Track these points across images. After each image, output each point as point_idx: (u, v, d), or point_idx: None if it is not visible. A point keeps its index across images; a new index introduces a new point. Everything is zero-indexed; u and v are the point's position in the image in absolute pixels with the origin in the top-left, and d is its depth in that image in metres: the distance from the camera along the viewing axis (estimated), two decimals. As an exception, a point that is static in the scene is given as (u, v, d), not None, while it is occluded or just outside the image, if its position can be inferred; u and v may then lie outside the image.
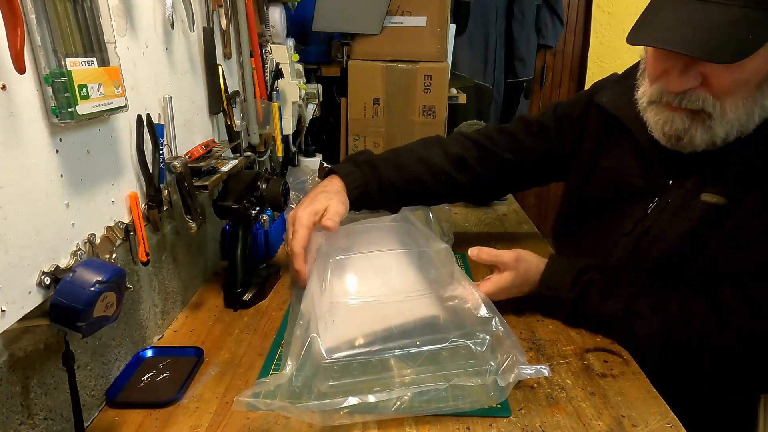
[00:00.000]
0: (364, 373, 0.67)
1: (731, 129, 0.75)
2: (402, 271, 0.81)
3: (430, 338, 0.68)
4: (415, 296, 0.76)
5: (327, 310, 0.72)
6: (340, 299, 0.76)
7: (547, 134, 1.06)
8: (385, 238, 0.88)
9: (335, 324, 0.70)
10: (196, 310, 0.94)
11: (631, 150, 0.92)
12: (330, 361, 0.65)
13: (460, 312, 0.73)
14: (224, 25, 1.01)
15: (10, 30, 0.45)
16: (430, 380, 0.66)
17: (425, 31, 1.53)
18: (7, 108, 0.51)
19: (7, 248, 0.51)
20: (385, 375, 0.66)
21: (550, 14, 2.62)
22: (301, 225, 0.84)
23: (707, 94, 0.74)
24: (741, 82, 0.72)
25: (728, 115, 0.74)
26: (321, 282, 0.77)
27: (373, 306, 0.74)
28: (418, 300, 0.75)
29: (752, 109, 0.74)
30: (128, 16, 0.72)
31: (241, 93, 1.10)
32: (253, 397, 0.62)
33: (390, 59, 1.55)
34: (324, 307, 0.73)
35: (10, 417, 0.53)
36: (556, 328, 0.87)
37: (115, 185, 0.70)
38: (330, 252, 0.83)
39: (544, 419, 0.67)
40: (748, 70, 0.71)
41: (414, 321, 0.71)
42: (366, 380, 0.66)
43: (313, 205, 0.87)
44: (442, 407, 0.66)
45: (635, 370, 0.77)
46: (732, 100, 0.73)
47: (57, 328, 0.54)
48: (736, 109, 0.74)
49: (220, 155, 0.95)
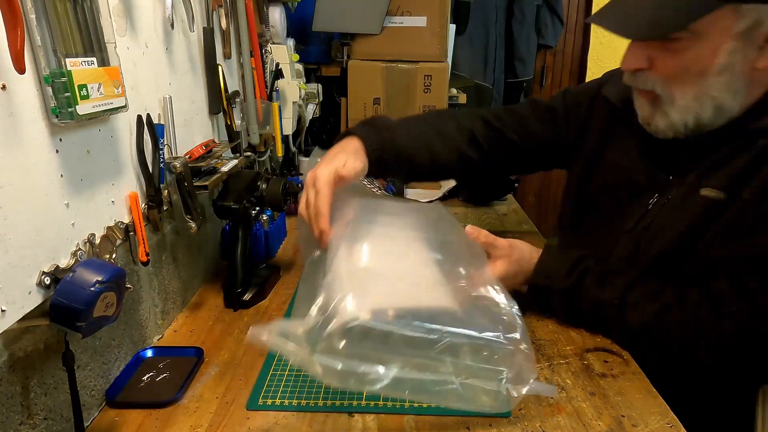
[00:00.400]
0: (383, 346, 0.64)
1: (684, 115, 0.78)
2: (437, 258, 0.77)
3: (455, 330, 0.66)
4: (447, 285, 0.73)
5: (356, 275, 0.70)
6: (371, 267, 0.72)
7: (555, 119, 1.06)
8: (422, 221, 0.84)
9: (365, 290, 0.67)
10: (196, 310, 0.94)
11: (634, 144, 0.93)
12: (358, 323, 0.62)
13: (488, 313, 0.70)
14: (224, 25, 1.01)
15: (10, 30, 0.45)
16: (444, 371, 0.64)
17: (425, 31, 1.53)
18: (7, 108, 0.51)
19: (7, 248, 0.51)
20: (403, 352, 0.64)
21: (550, 14, 2.62)
22: (323, 183, 0.80)
23: (656, 77, 0.78)
24: (683, 69, 0.75)
25: (677, 101, 0.78)
26: (351, 246, 0.74)
27: (405, 284, 0.72)
28: (450, 289, 0.72)
29: (701, 97, 0.76)
30: (128, 16, 0.72)
31: (241, 93, 1.10)
32: (268, 333, 0.60)
33: (390, 59, 1.55)
34: (353, 271, 0.70)
35: (10, 417, 0.53)
36: (556, 328, 0.87)
37: (115, 185, 0.70)
38: (364, 219, 0.80)
39: (544, 419, 0.67)
40: (689, 57, 0.74)
41: (443, 309, 0.68)
42: (383, 354, 0.63)
43: (332, 163, 0.84)
44: (447, 399, 0.64)
45: (635, 370, 0.77)
46: (679, 87, 0.77)
47: (57, 328, 0.54)
48: (684, 95, 0.77)
49: (220, 155, 0.95)
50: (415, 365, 0.64)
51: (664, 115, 0.80)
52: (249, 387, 0.73)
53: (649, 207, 0.88)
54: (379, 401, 0.71)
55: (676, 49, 0.74)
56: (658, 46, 0.76)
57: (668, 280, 0.82)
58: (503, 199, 1.58)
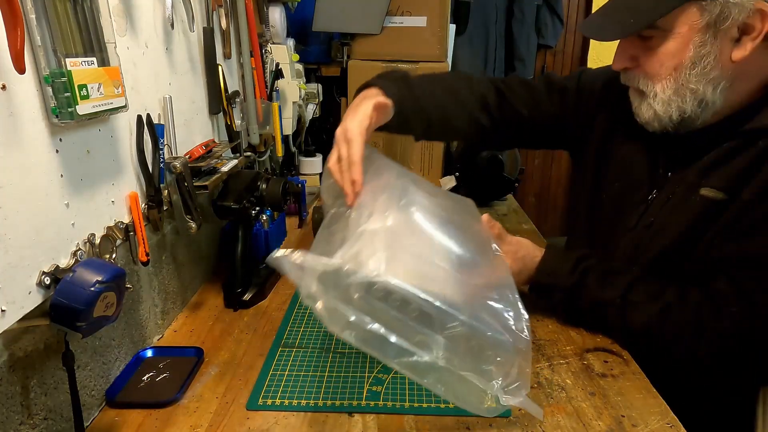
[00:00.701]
0: (396, 313, 0.62)
1: (669, 107, 0.81)
2: (465, 248, 0.75)
3: (471, 322, 0.65)
4: (470, 280, 0.71)
5: (391, 238, 0.68)
6: (406, 237, 0.70)
7: (566, 99, 1.05)
8: (451, 205, 0.82)
9: (395, 255, 0.65)
10: (196, 310, 0.94)
11: (637, 139, 0.93)
12: (383, 281, 0.61)
13: (500, 318, 0.69)
14: (224, 25, 1.01)
15: (10, 30, 0.45)
16: (442, 356, 0.63)
17: (425, 31, 1.53)
18: (7, 108, 0.51)
19: (7, 248, 0.51)
20: (411, 326, 0.62)
21: (550, 14, 2.62)
22: (354, 134, 0.78)
23: (640, 74, 0.83)
24: (660, 64, 0.79)
25: (659, 95, 0.81)
26: (387, 208, 0.71)
27: (430, 267, 0.70)
28: (471, 285, 0.70)
29: (680, 91, 0.79)
30: (128, 16, 0.72)
31: (241, 93, 1.10)
32: (291, 258, 0.58)
33: (390, 59, 1.55)
34: (388, 234, 0.68)
35: (10, 417, 0.53)
36: (556, 328, 0.87)
37: (115, 185, 0.70)
38: (400, 187, 0.77)
39: (544, 419, 0.67)
40: (663, 53, 0.78)
41: (461, 301, 0.66)
42: (393, 322, 0.62)
43: (359, 112, 0.82)
44: (435, 384, 0.63)
45: (635, 370, 0.77)
46: (658, 81, 0.81)
47: (57, 328, 0.54)
48: (664, 89, 0.80)
49: (220, 155, 0.95)
50: (418, 342, 0.62)
51: (649, 107, 0.83)
52: (249, 387, 0.73)
53: (649, 203, 0.88)
54: (379, 401, 0.71)
55: (652, 46, 0.79)
56: (639, 46, 0.81)
57: (669, 279, 0.82)
58: (503, 199, 1.59)
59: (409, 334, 0.62)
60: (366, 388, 0.74)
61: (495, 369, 0.65)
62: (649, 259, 0.85)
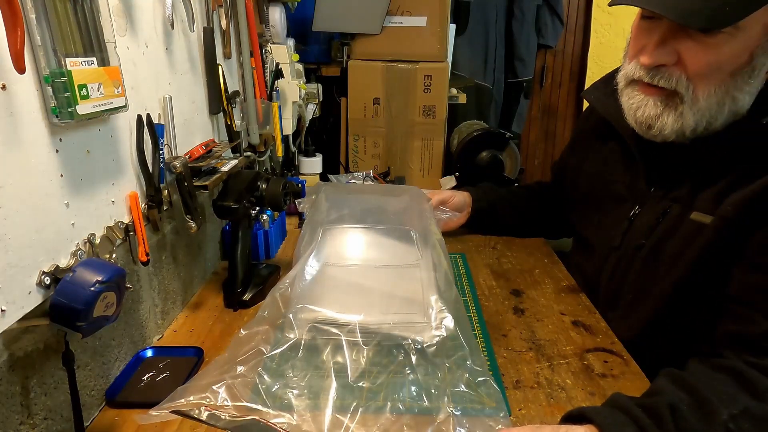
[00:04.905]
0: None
1: (701, 118, 0.73)
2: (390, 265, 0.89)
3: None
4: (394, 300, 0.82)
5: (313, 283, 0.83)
6: (330, 275, 0.85)
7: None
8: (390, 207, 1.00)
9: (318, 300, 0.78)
10: (196, 310, 0.94)
11: (616, 152, 0.92)
12: (298, 340, 0.74)
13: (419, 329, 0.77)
14: (224, 25, 1.01)
15: (10, 30, 0.45)
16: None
17: (425, 31, 1.53)
18: (7, 108, 0.51)
19: (7, 248, 0.51)
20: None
21: (550, 14, 2.62)
22: None
23: (681, 74, 0.72)
24: (715, 66, 0.70)
25: (699, 102, 0.72)
26: (316, 249, 0.88)
27: (355, 297, 0.82)
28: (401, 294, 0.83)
29: (723, 100, 0.71)
30: (128, 16, 0.72)
31: (241, 93, 1.10)
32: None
33: (390, 59, 1.55)
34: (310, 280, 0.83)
35: (10, 417, 0.53)
36: (556, 328, 0.87)
37: (115, 185, 0.70)
38: (328, 220, 0.95)
39: (544, 419, 0.67)
40: (724, 53, 0.69)
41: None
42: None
43: None
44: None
45: (635, 370, 0.77)
46: (705, 85, 0.71)
47: (57, 328, 0.54)
48: (708, 96, 0.72)
49: (220, 155, 0.95)
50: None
51: (679, 116, 0.74)
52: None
53: (631, 219, 0.86)
54: (379, 401, 0.71)
55: (712, 44, 0.68)
56: (690, 40, 0.70)
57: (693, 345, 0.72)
58: (503, 199, 1.58)
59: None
60: (366, 387, 0.74)
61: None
62: (663, 289, 0.80)
